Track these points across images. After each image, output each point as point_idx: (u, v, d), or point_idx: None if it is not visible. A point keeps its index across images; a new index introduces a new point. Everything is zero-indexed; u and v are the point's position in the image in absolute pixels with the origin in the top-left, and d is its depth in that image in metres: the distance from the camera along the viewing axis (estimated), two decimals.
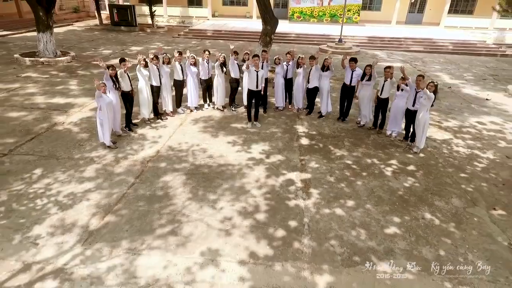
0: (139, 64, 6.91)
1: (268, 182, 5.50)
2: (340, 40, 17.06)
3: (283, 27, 18.45)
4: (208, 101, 8.58)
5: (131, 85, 6.80)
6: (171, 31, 21.71)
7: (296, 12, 23.38)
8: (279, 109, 8.68)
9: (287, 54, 8.13)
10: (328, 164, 6.13)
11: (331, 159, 6.34)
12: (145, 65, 6.98)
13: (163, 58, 7.28)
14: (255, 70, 7.06)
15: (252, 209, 4.83)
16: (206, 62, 7.93)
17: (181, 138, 6.89)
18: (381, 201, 5.14)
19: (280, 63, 8.15)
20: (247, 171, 5.81)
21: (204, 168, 5.84)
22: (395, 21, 22.61)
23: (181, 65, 7.67)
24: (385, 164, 6.23)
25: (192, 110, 8.31)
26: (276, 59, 8.22)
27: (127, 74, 6.70)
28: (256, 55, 7.36)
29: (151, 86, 7.25)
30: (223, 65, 7.96)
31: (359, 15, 22.90)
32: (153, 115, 7.65)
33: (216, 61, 7.96)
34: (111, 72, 6.27)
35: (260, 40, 11.73)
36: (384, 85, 6.97)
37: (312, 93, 8.17)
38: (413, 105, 6.57)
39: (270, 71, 9.52)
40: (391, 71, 6.86)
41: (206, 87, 8.32)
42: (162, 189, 5.19)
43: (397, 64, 13.32)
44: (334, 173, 5.85)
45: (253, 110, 7.65)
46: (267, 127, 7.62)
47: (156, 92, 7.41)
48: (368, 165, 6.18)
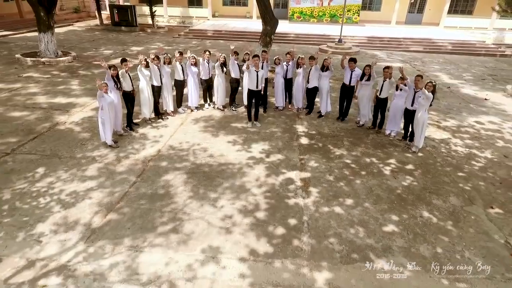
0: (140, 64, 6.98)
1: (268, 181, 5.57)
2: (340, 40, 17.12)
3: (283, 27, 18.51)
4: (209, 101, 8.65)
5: (132, 85, 6.87)
6: (171, 31, 21.78)
7: (296, 12, 23.44)
8: (279, 108, 8.74)
9: (287, 54, 8.20)
10: (328, 163, 6.20)
11: (330, 158, 6.40)
12: (146, 65, 7.05)
13: (164, 58, 7.35)
14: (255, 70, 7.13)
15: (252, 207, 4.89)
16: (206, 62, 7.99)
17: (182, 138, 6.96)
18: (380, 199, 5.21)
19: (280, 63, 8.22)
20: (247, 170, 5.87)
21: (204, 167, 5.90)
22: (395, 21, 22.69)
23: (181, 65, 7.74)
24: (384, 163, 6.30)
25: (192, 110, 8.38)
26: (276, 59, 8.29)
27: (129, 74, 6.76)
28: (256, 55, 7.42)
29: (152, 86, 7.32)
30: (223, 65, 8.03)
31: (359, 15, 22.97)
32: (154, 114, 7.71)
33: (217, 61, 8.03)
34: (112, 72, 6.33)
35: (260, 40, 11.79)
36: (383, 85, 7.04)
37: (311, 93, 8.24)
38: (412, 105, 6.63)
39: (270, 71, 9.59)
40: (390, 71, 6.93)
41: (207, 87, 8.39)
42: (164, 187, 5.26)
43: (397, 64, 13.38)
44: (333, 172, 5.91)
45: (253, 110, 7.72)
46: (267, 127, 7.68)
47: (157, 92, 7.47)
48: (367, 164, 6.24)
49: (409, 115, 6.77)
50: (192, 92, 8.11)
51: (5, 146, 6.29)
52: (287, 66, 8.18)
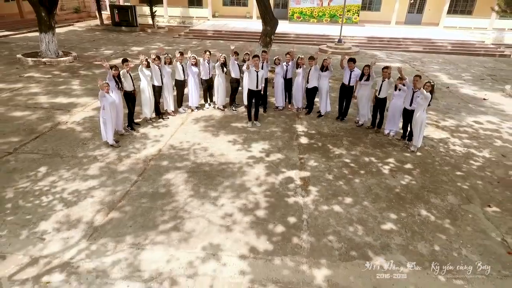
0: (141, 65, 7.04)
1: (268, 180, 5.63)
2: (340, 41, 17.18)
3: (283, 27, 18.57)
4: (209, 101, 8.71)
5: (133, 85, 6.93)
6: (171, 31, 21.84)
7: (296, 13, 23.50)
8: (278, 108, 8.80)
9: (286, 55, 8.26)
10: (327, 163, 6.25)
11: (329, 157, 6.46)
12: (147, 66, 7.11)
13: (164, 58, 7.41)
14: (255, 70, 7.18)
15: (252, 206, 4.95)
16: (207, 62, 8.05)
17: (182, 137, 7.02)
18: (378, 198, 5.27)
19: (280, 63, 8.28)
20: (247, 169, 5.93)
21: (205, 166, 5.96)
22: (395, 21, 22.75)
23: (182, 65, 7.79)
24: (383, 162, 6.36)
25: (193, 110, 8.44)
26: (276, 59, 8.35)
27: (130, 74, 6.82)
28: (256, 56, 7.48)
29: (153, 86, 7.38)
30: (223, 65, 8.08)
31: (358, 16, 23.03)
32: (155, 114, 7.77)
33: (217, 61, 8.09)
34: (114, 72, 6.39)
35: (260, 40, 11.85)
36: (382, 85, 7.10)
37: (311, 93, 8.30)
38: (410, 105, 6.69)
39: (270, 71, 9.64)
40: (388, 71, 6.99)
41: (207, 87, 8.45)
42: (165, 186, 5.32)
43: (396, 64, 13.45)
44: (333, 171, 5.97)
45: (253, 110, 7.78)
46: (267, 126, 7.74)
47: (158, 92, 7.53)
48: (366, 163, 6.30)
49: (407, 115, 6.83)
50: (193, 92, 8.17)
51: (8, 146, 6.34)
52: (287, 66, 8.24)
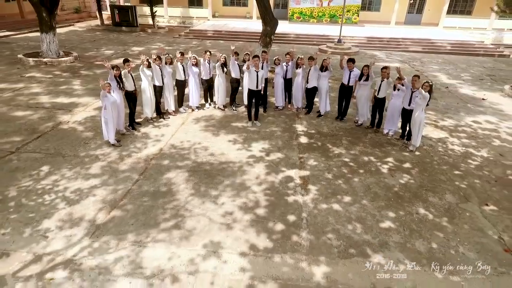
0: (142, 65, 7.10)
1: (268, 179, 5.69)
2: (339, 41, 17.24)
3: (283, 27, 18.63)
4: (209, 101, 8.77)
5: (134, 85, 6.99)
6: (171, 31, 21.89)
7: (296, 13, 23.56)
8: (278, 108, 8.86)
9: (286, 55, 8.31)
10: (326, 162, 6.31)
11: (329, 157, 6.52)
12: (148, 66, 7.16)
13: (165, 58, 7.47)
14: (255, 71, 7.24)
15: (253, 204, 5.01)
16: (207, 62, 8.11)
17: (183, 137, 7.08)
18: (377, 197, 5.32)
19: (279, 63, 8.34)
20: (247, 168, 5.99)
21: (206, 165, 6.02)
22: (394, 21, 22.80)
23: (183, 66, 7.85)
24: (382, 161, 6.42)
25: (193, 110, 8.50)
26: (275, 59, 8.41)
27: (131, 74, 6.88)
28: (256, 56, 7.53)
29: (154, 86, 7.43)
30: (224, 66, 8.14)
31: (358, 16, 23.09)
32: (155, 114, 7.83)
33: (217, 61, 8.15)
34: (115, 73, 6.45)
35: (260, 40, 11.90)
36: (381, 85, 7.16)
37: (311, 93, 8.35)
38: (409, 105, 6.75)
39: (270, 71, 9.70)
40: (387, 71, 7.05)
41: (207, 87, 8.51)
42: (166, 185, 5.38)
43: (395, 65, 13.50)
44: (332, 170, 6.03)
45: (253, 110, 7.83)
46: (267, 126, 7.80)
47: (159, 92, 7.59)
48: (365, 162, 6.36)
49: (406, 115, 6.89)
50: (193, 92, 8.23)
51: (10, 145, 6.41)
52: (286, 67, 8.30)
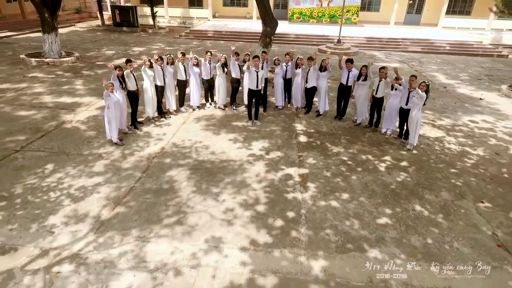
0: (144, 65, 7.22)
1: (268, 177, 5.81)
2: (339, 41, 17.36)
3: (282, 27, 18.74)
4: (210, 100, 8.90)
5: (136, 84, 7.11)
6: (172, 31, 22.01)
7: (295, 13, 23.69)
8: (278, 108, 8.98)
9: (286, 55, 8.43)
10: (325, 160, 6.44)
11: (327, 155, 6.64)
12: (150, 66, 7.29)
13: (167, 58, 7.59)
14: (255, 71, 7.36)
15: (253, 201, 5.14)
16: (208, 62, 8.24)
17: (184, 136, 7.20)
18: (374, 194, 5.45)
19: (279, 63, 8.46)
20: (247, 166, 6.11)
21: (207, 163, 6.14)
22: (394, 21, 22.91)
23: (184, 66, 7.98)
24: (379, 160, 6.54)
25: (194, 109, 8.62)
26: (275, 59, 8.53)
27: (133, 75, 7.00)
28: (256, 56, 7.65)
29: (156, 86, 7.55)
30: (224, 66, 8.26)
31: (358, 16, 23.21)
32: (157, 113, 7.95)
33: (218, 61, 8.27)
34: (118, 73, 6.57)
35: (260, 41, 12.02)
36: (379, 85, 7.28)
37: (310, 93, 8.48)
38: (406, 104, 6.87)
39: (270, 71, 9.82)
40: (385, 71, 7.17)
41: (208, 86, 8.63)
42: (168, 183, 5.50)
43: (395, 65, 13.61)
44: (331, 169, 6.15)
45: (253, 109, 7.96)
46: (267, 125, 7.93)
47: (160, 92, 7.71)
48: (363, 161, 6.48)
49: (403, 114, 7.01)
50: (194, 91, 8.36)
51: (15, 144, 6.53)
52: (286, 67, 8.42)
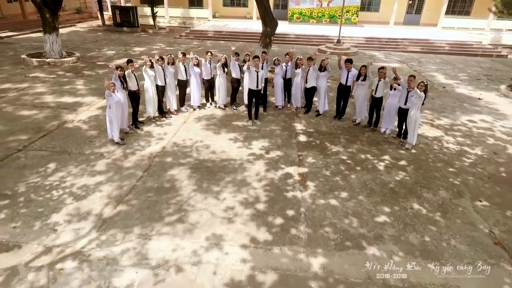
0: (145, 65, 7.29)
1: (268, 176, 5.87)
2: (339, 41, 17.42)
3: (282, 28, 18.77)
4: (210, 100, 8.96)
5: (137, 84, 7.17)
6: (172, 32, 22.07)
7: (295, 13, 23.73)
8: (278, 108, 9.05)
9: (286, 55, 8.49)
10: (324, 159, 6.50)
11: (327, 154, 6.70)
12: (151, 66, 7.35)
13: (167, 59, 7.66)
14: (255, 71, 7.42)
15: (253, 199, 5.20)
16: (208, 62, 8.30)
17: (185, 135, 7.26)
18: (373, 193, 5.51)
19: (279, 63, 8.52)
20: (248, 165, 6.18)
21: (207, 162, 6.21)
22: (393, 22, 22.96)
23: (184, 66, 8.04)
24: (378, 159, 6.60)
25: (195, 109, 8.69)
26: (275, 60, 8.60)
27: (134, 75, 7.07)
28: (256, 56, 7.71)
29: (157, 86, 7.61)
30: (224, 66, 8.33)
31: (357, 16, 23.27)
32: (158, 113, 8.01)
33: (218, 61, 8.33)
34: (119, 73, 6.64)
35: (260, 41, 12.08)
36: (378, 84, 7.34)
37: (310, 93, 8.54)
38: (405, 104, 6.93)
39: (270, 71, 9.88)
40: (384, 71, 7.23)
41: (209, 86, 8.70)
42: (169, 181, 5.56)
43: (394, 65, 13.67)
44: (330, 168, 6.22)
45: (253, 109, 8.02)
46: (267, 125, 7.99)
47: (161, 92, 7.78)
48: (362, 160, 6.54)
49: (402, 114, 7.07)
50: (195, 91, 8.42)
51: (17, 143, 6.59)
52: (286, 67, 8.48)
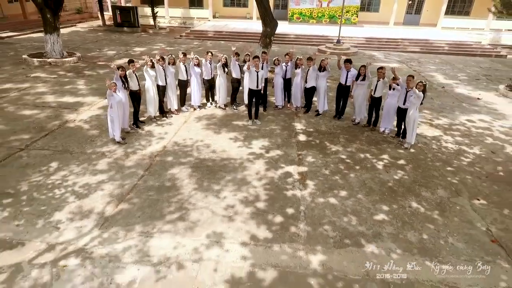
0: (146, 65, 7.34)
1: (268, 175, 5.93)
2: (338, 41, 17.47)
3: (282, 28, 18.83)
4: (211, 100, 9.02)
5: (139, 84, 7.23)
6: (172, 32, 22.13)
7: (295, 13, 23.79)
8: (278, 107, 9.11)
9: (286, 55, 8.55)
10: (324, 159, 6.56)
11: (326, 154, 6.76)
12: (152, 66, 7.41)
13: (168, 59, 7.72)
14: (255, 71, 7.48)
15: (253, 198, 5.26)
16: (209, 63, 8.37)
17: (185, 135, 7.32)
18: (372, 191, 5.57)
19: (279, 64, 8.58)
20: (248, 164, 6.24)
21: (208, 161, 6.27)
22: (393, 22, 23.02)
23: (185, 66, 8.10)
24: (377, 158, 6.66)
25: (195, 109, 8.75)
26: (275, 60, 8.65)
27: (135, 75, 7.13)
28: (256, 56, 7.77)
29: (157, 86, 7.68)
30: (225, 66, 8.38)
31: (357, 16, 23.32)
32: (159, 113, 8.07)
33: (218, 62, 8.38)
34: (121, 73, 6.70)
35: (260, 41, 12.14)
36: (377, 84, 7.40)
37: (309, 93, 8.60)
38: (404, 104, 6.99)
39: (270, 71, 9.94)
40: (383, 71, 7.29)
41: (209, 86, 8.77)
42: (170, 180, 5.62)
43: (393, 65, 13.73)
44: (329, 167, 6.27)
45: (253, 109, 8.07)
46: (267, 125, 8.05)
47: (162, 91, 7.84)
48: (361, 159, 6.60)
49: (401, 113, 7.13)
50: (195, 91, 8.48)
51: (19, 142, 6.65)
52: (286, 67, 8.54)
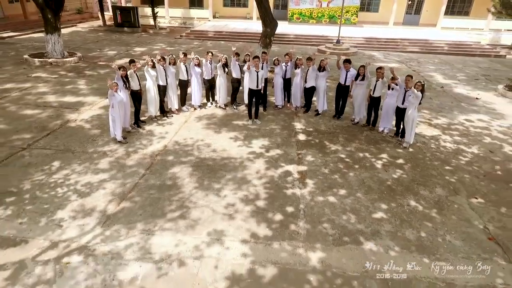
0: (147, 65, 7.40)
1: (268, 174, 5.99)
2: (338, 41, 17.53)
3: (282, 28, 18.87)
4: (211, 100, 9.08)
5: (139, 84, 7.29)
6: (173, 32, 22.19)
7: (295, 14, 23.86)
8: (278, 107, 9.16)
9: (285, 55, 8.61)
10: (323, 158, 6.62)
11: (326, 153, 6.82)
12: (153, 66, 7.47)
13: (169, 59, 7.78)
14: (255, 71, 7.54)
15: (253, 197, 5.32)
16: (209, 63, 8.42)
17: (186, 134, 7.38)
18: (371, 190, 5.63)
19: (279, 64, 8.64)
20: (248, 163, 6.29)
21: (208, 161, 6.33)
22: (393, 22, 23.09)
23: (186, 66, 8.16)
24: (376, 157, 6.72)
25: (196, 108, 8.80)
26: (275, 60, 8.71)
27: (136, 75, 7.18)
28: (256, 57, 7.82)
29: (158, 86, 7.74)
30: (225, 66, 8.44)
31: (357, 16, 23.39)
32: (159, 112, 8.13)
33: (219, 62, 8.44)
34: (122, 73, 6.75)
35: (260, 41, 12.20)
36: (376, 84, 7.46)
37: (309, 92, 8.66)
38: (403, 103, 7.05)
39: (270, 71, 9.99)
40: (382, 71, 7.35)
41: (209, 86, 8.82)
42: (171, 179, 5.68)
43: (393, 65, 13.79)
44: (329, 166, 6.33)
45: (253, 108, 8.13)
46: (266, 124, 8.11)
47: (163, 91, 7.90)
48: (360, 158, 6.66)
49: (400, 113, 7.19)
50: (196, 91, 8.54)
51: (21, 142, 6.71)
52: (286, 67, 8.59)
